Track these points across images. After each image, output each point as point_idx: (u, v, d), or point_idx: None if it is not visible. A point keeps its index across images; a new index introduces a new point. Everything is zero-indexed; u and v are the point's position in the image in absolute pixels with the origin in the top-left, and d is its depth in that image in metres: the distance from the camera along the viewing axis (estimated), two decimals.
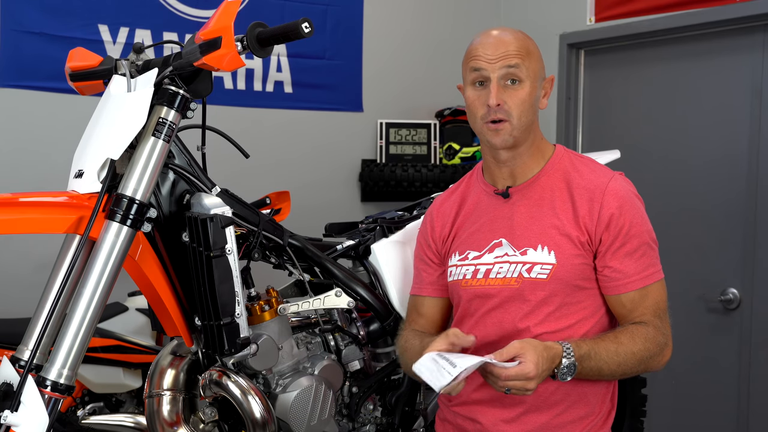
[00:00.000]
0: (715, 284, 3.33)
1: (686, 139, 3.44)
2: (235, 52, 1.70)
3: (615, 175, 1.83)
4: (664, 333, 1.78)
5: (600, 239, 1.77)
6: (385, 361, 2.21)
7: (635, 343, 1.72)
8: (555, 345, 1.65)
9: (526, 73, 1.78)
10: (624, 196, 1.78)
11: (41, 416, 1.57)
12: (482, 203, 1.91)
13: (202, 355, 1.97)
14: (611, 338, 1.73)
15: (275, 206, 2.28)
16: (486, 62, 1.78)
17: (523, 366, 1.56)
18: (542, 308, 1.78)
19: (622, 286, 1.77)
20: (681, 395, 3.46)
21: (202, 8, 3.37)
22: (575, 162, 1.87)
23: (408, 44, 3.93)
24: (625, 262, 1.76)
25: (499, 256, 1.83)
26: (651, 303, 1.78)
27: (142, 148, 1.74)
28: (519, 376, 1.56)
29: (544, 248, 1.78)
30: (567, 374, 1.65)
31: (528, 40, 1.83)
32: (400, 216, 2.43)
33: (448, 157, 3.80)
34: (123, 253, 1.69)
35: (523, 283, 1.78)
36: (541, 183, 1.84)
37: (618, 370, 1.72)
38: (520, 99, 1.77)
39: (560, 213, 1.79)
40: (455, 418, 1.90)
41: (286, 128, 3.61)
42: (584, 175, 1.83)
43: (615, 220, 1.76)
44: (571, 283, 1.77)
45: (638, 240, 1.77)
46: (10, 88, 3.01)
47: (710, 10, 3.27)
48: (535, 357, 1.58)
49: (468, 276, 1.86)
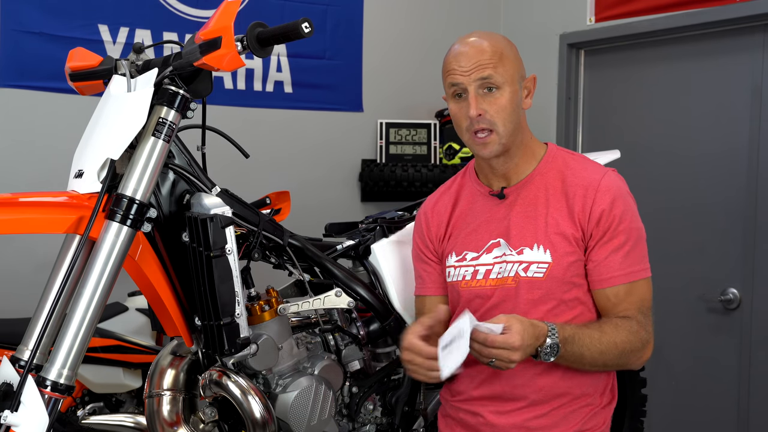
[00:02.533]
0: (715, 284, 3.32)
1: (686, 139, 3.43)
2: (235, 52, 1.70)
3: (608, 171, 1.85)
4: (647, 330, 1.80)
5: (591, 234, 1.79)
6: (385, 361, 2.21)
7: (618, 334, 1.75)
8: (540, 323, 1.68)
9: (503, 79, 1.78)
10: (616, 192, 1.80)
11: (41, 416, 1.57)
12: (477, 204, 1.92)
13: (202, 355, 1.97)
14: (595, 326, 1.76)
15: (275, 206, 2.28)
16: (461, 75, 1.78)
17: (509, 336, 1.58)
18: (539, 306, 1.79)
19: (606, 280, 1.79)
20: (681, 395, 3.45)
21: (202, 8, 3.37)
22: (568, 160, 1.88)
23: (408, 44, 3.93)
24: (611, 257, 1.78)
25: (498, 257, 1.84)
26: (636, 299, 1.80)
27: (142, 148, 1.74)
28: (504, 345, 1.58)
29: (539, 247, 1.80)
30: (550, 354, 1.66)
31: (502, 44, 1.82)
32: (400, 216, 2.43)
33: (448, 157, 3.80)
34: (123, 253, 1.69)
35: (520, 282, 1.80)
36: (536, 182, 1.86)
37: (599, 358, 1.74)
38: (500, 106, 1.78)
39: (555, 211, 1.81)
40: (457, 412, 1.91)
41: (286, 128, 3.61)
42: (577, 173, 1.84)
43: (605, 215, 1.78)
44: (566, 280, 1.79)
45: (626, 235, 1.79)
46: (10, 88, 3.00)
47: (710, 10, 3.27)
48: (521, 329, 1.60)
49: (468, 277, 1.87)
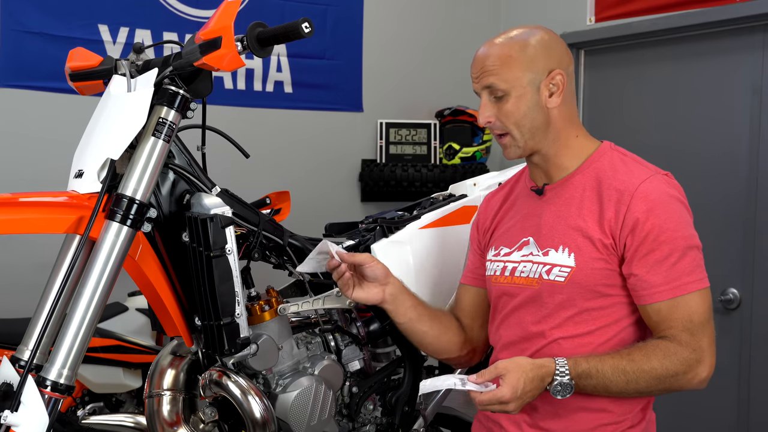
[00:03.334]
0: (715, 284, 3.27)
1: (686, 140, 3.44)
2: (235, 52, 1.70)
3: (653, 175, 1.71)
4: (695, 348, 1.64)
5: (624, 244, 1.67)
6: (385, 361, 2.21)
7: (649, 361, 1.62)
8: (547, 362, 1.61)
9: (507, 85, 1.72)
10: (655, 199, 1.67)
11: (41, 416, 1.56)
12: (521, 200, 1.89)
13: (202, 355, 1.97)
14: (624, 354, 1.64)
15: (275, 206, 2.28)
16: (474, 81, 1.78)
17: (497, 391, 1.54)
18: (560, 312, 1.72)
19: (648, 296, 1.67)
20: (680, 395, 3.42)
21: (202, 8, 3.37)
22: (615, 160, 1.76)
23: (408, 44, 3.93)
24: (652, 271, 1.65)
25: (525, 255, 1.80)
26: (681, 316, 1.66)
27: (142, 148, 1.73)
28: (493, 401, 1.55)
29: (564, 250, 1.72)
30: (560, 393, 1.60)
31: (509, 46, 1.74)
32: (400, 216, 2.42)
33: (448, 157, 3.80)
34: (123, 253, 1.69)
35: (542, 284, 1.74)
36: (574, 182, 1.77)
37: (628, 387, 1.63)
38: (506, 112, 1.74)
39: (586, 214, 1.72)
40: (487, 421, 1.87)
41: (286, 128, 3.61)
42: (618, 175, 1.72)
43: (641, 224, 1.65)
44: (590, 288, 1.70)
45: (669, 246, 1.66)
46: (10, 88, 3.01)
47: (710, 10, 3.27)
48: (515, 380, 1.55)
49: (497, 272, 1.85)
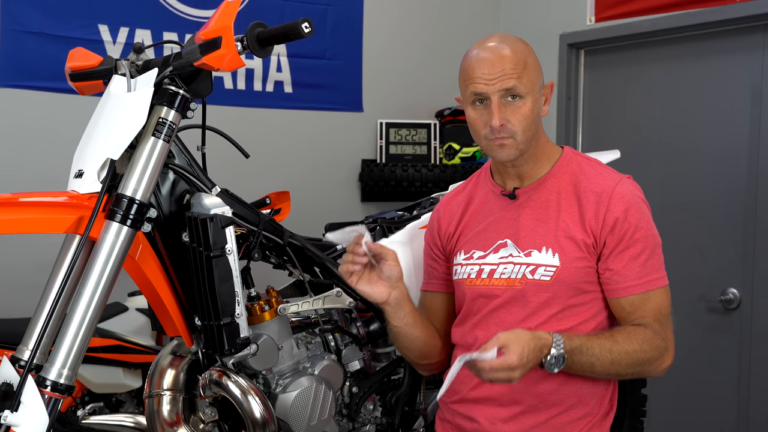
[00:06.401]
0: (715, 284, 3.32)
1: (686, 140, 3.43)
2: (235, 52, 1.70)
3: (623, 178, 1.83)
4: (664, 338, 1.76)
5: (604, 242, 1.77)
6: (385, 361, 2.21)
7: (631, 343, 1.72)
8: (544, 335, 1.66)
9: (526, 88, 1.76)
10: (630, 200, 1.78)
11: (41, 416, 1.57)
12: (489, 203, 1.91)
13: (202, 355, 1.97)
14: (607, 335, 1.73)
15: (275, 206, 2.28)
16: (484, 83, 1.75)
17: (506, 357, 1.58)
18: (544, 310, 1.78)
19: (622, 289, 1.77)
20: (681, 395, 3.45)
21: (202, 8, 3.37)
22: (582, 164, 1.87)
23: (408, 44, 3.92)
24: (627, 266, 1.76)
25: (503, 257, 1.83)
26: (652, 307, 1.77)
27: (142, 148, 1.74)
28: (502, 367, 1.58)
29: (548, 250, 1.78)
30: (555, 365, 1.65)
31: (524, 51, 1.79)
32: (400, 216, 2.42)
33: (448, 157, 3.80)
34: (123, 253, 1.69)
35: (527, 284, 1.79)
36: (548, 185, 1.84)
37: (611, 368, 1.72)
38: (522, 115, 1.76)
39: (566, 216, 1.79)
40: (454, 417, 1.90)
41: (286, 128, 3.61)
42: (592, 178, 1.82)
43: (620, 223, 1.75)
44: (574, 286, 1.77)
45: (642, 244, 1.76)
46: (10, 88, 3.00)
47: (710, 10, 3.27)
48: (520, 347, 1.59)
49: (473, 275, 1.87)
